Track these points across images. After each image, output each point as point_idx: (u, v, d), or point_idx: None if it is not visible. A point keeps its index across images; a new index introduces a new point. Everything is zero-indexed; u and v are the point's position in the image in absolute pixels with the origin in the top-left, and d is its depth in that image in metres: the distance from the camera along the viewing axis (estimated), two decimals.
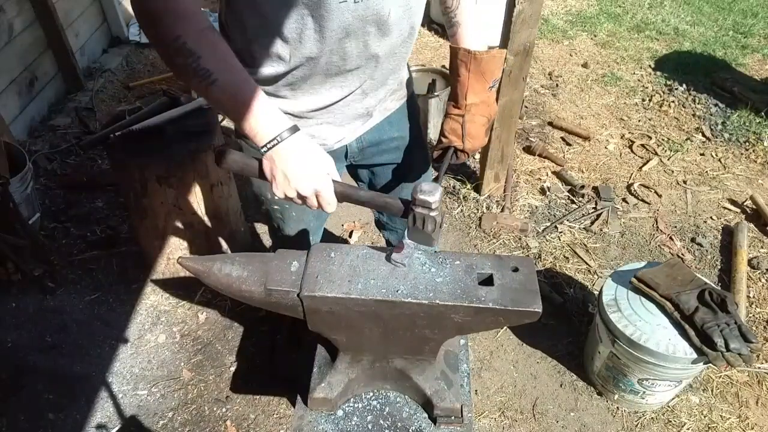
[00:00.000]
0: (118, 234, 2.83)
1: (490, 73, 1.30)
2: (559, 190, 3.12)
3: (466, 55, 1.29)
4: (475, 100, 1.32)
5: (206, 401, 2.17)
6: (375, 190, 1.62)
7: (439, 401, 1.31)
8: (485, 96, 1.33)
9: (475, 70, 1.29)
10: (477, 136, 1.35)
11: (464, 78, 1.30)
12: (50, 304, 2.50)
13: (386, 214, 1.74)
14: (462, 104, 1.33)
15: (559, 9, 5.18)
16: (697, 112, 3.74)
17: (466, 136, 1.33)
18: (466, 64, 1.29)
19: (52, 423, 2.09)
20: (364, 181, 1.65)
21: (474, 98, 1.31)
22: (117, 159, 2.24)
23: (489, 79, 1.31)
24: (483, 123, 1.36)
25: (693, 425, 2.09)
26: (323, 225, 1.75)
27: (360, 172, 1.62)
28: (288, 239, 1.62)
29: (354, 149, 1.47)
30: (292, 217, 1.56)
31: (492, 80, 1.32)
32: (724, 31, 4.74)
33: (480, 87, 1.31)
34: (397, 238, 1.80)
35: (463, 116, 1.33)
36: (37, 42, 3.54)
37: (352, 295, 1.10)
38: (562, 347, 2.35)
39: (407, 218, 1.08)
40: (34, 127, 3.53)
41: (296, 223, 1.59)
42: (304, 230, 1.61)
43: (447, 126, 1.37)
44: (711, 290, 1.85)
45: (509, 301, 1.09)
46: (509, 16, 2.33)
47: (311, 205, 1.09)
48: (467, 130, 1.33)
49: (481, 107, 1.34)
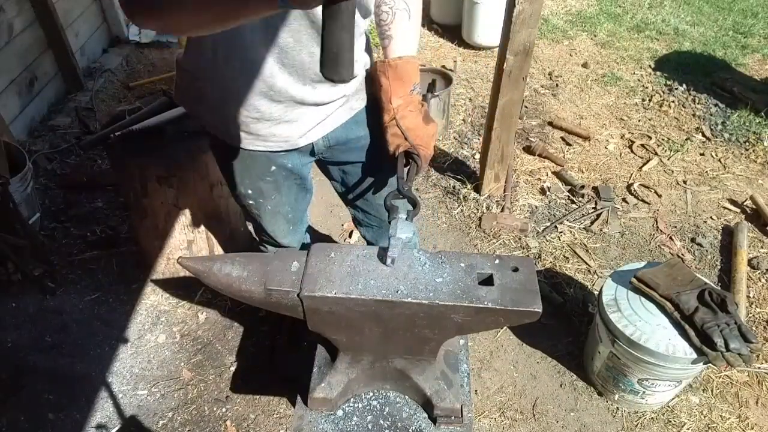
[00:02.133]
0: (118, 234, 2.83)
1: (408, 77, 1.36)
2: (559, 190, 3.12)
3: (382, 65, 1.37)
4: (399, 102, 1.37)
5: (206, 401, 2.17)
6: (347, 187, 1.69)
7: (439, 401, 1.31)
8: (408, 98, 1.39)
9: (394, 76, 1.35)
10: (416, 127, 1.38)
11: (386, 85, 1.37)
12: (50, 304, 2.50)
13: (362, 212, 1.76)
14: (389, 109, 1.38)
15: (559, 9, 5.18)
16: (697, 112, 3.74)
17: (406, 132, 1.36)
18: (384, 72, 1.36)
19: (52, 423, 2.09)
20: (337, 180, 1.69)
21: (398, 101, 1.37)
22: (117, 159, 2.24)
23: (408, 83, 1.37)
24: (415, 116, 1.38)
25: (693, 425, 2.09)
26: (304, 217, 1.79)
27: (331, 169, 1.66)
28: (268, 233, 1.71)
29: (321, 146, 1.52)
30: (267, 211, 1.63)
31: (412, 84, 1.38)
32: (724, 31, 4.74)
33: (402, 91, 1.37)
34: (373, 235, 1.86)
35: (395, 118, 1.37)
36: (37, 42, 3.54)
37: (352, 295, 1.10)
38: (562, 347, 2.35)
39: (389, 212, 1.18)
40: (34, 127, 3.53)
41: (272, 216, 1.65)
42: (283, 222, 1.69)
43: (388, 136, 1.40)
44: (711, 290, 1.85)
45: (509, 301, 1.09)
46: (509, 16, 2.33)
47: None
48: (404, 126, 1.36)
49: (407, 105, 1.38)
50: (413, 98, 1.39)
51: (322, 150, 1.53)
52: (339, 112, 1.46)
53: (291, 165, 1.52)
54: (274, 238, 1.74)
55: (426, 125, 1.40)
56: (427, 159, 1.40)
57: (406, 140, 1.36)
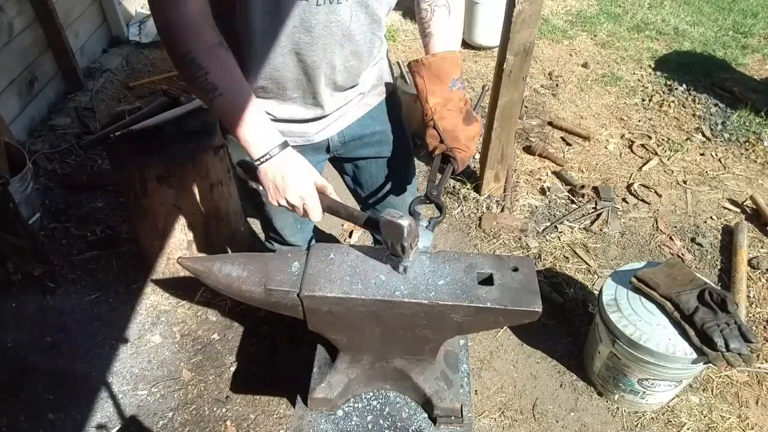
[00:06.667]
0: (118, 234, 2.83)
1: (445, 74, 1.31)
2: (559, 190, 3.12)
3: (416, 65, 1.32)
4: (437, 100, 1.32)
5: (206, 401, 2.17)
6: (359, 183, 1.69)
7: (439, 401, 1.31)
8: (447, 95, 1.32)
9: (428, 75, 1.31)
10: (454, 128, 1.32)
11: (421, 85, 1.32)
12: (50, 304, 2.50)
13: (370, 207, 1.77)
14: (427, 109, 1.33)
15: (559, 9, 5.18)
16: (697, 112, 3.74)
17: (443, 133, 1.31)
18: (419, 72, 1.32)
19: (52, 423, 2.09)
20: (348, 174, 1.69)
21: (435, 99, 1.32)
22: (117, 159, 2.24)
23: (446, 79, 1.31)
24: (454, 116, 1.33)
25: (693, 425, 2.09)
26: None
27: (344, 165, 1.66)
28: (276, 230, 1.71)
29: (336, 142, 1.52)
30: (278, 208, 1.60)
31: (450, 80, 1.32)
32: (724, 31, 4.74)
33: (438, 89, 1.32)
34: None
35: (433, 119, 1.32)
36: (37, 42, 3.54)
37: (352, 295, 1.10)
38: (562, 347, 2.35)
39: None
40: (34, 127, 3.53)
41: (282, 213, 1.64)
42: (291, 220, 1.70)
43: (426, 137, 1.36)
44: (711, 290, 1.85)
45: (509, 300, 1.09)
46: (509, 16, 2.33)
47: (299, 213, 1.20)
48: (441, 128, 1.31)
49: (446, 104, 1.33)
50: (453, 95, 1.32)
51: (337, 146, 1.54)
52: (354, 109, 1.48)
53: None
54: (281, 236, 1.74)
55: (467, 126, 1.33)
56: (465, 161, 1.35)
57: (442, 142, 1.32)
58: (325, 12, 1.16)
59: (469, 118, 1.34)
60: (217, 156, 2.29)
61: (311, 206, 1.18)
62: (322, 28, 1.18)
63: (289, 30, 1.17)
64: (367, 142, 1.56)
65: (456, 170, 1.35)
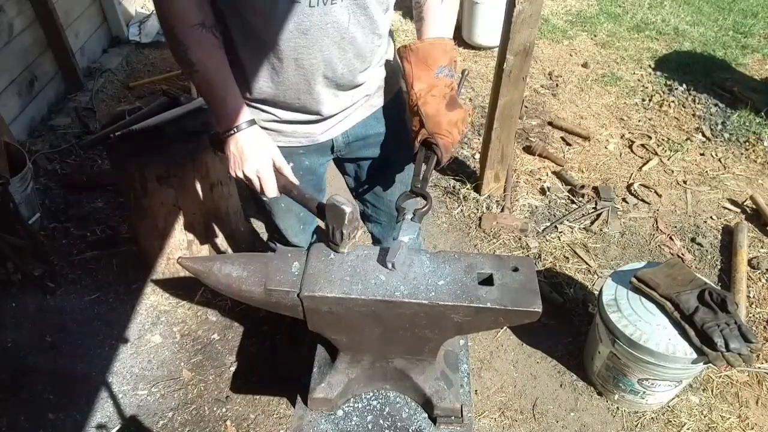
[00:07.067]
0: (118, 234, 2.83)
1: (432, 60, 1.29)
2: (559, 190, 3.12)
3: (404, 50, 1.32)
4: (422, 86, 1.30)
5: (206, 401, 2.17)
6: (360, 182, 1.69)
7: (439, 401, 1.31)
8: (433, 81, 1.31)
9: (416, 60, 1.30)
10: (436, 113, 1.29)
11: (408, 70, 1.32)
12: (50, 304, 2.50)
13: (371, 206, 1.77)
14: (412, 95, 1.32)
15: (559, 9, 5.18)
16: (697, 112, 3.74)
17: (425, 118, 1.29)
18: (407, 57, 1.31)
19: (52, 423, 2.09)
20: (350, 175, 1.70)
21: (420, 85, 1.30)
22: (117, 159, 2.24)
23: (433, 66, 1.29)
24: (437, 101, 1.30)
25: (693, 425, 2.09)
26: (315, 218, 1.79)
27: (346, 166, 1.67)
28: (280, 230, 1.73)
29: (340, 143, 1.52)
30: (281, 208, 1.65)
31: (437, 67, 1.30)
32: (724, 31, 4.74)
33: (425, 75, 1.30)
34: (380, 231, 1.85)
35: (417, 104, 1.30)
36: (37, 42, 3.54)
37: (352, 295, 1.10)
38: (562, 347, 2.35)
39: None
40: (34, 127, 3.53)
41: (285, 213, 1.67)
42: (295, 221, 1.72)
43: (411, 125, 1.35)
44: (711, 290, 1.85)
45: (509, 301, 1.09)
46: (509, 16, 2.33)
47: (255, 187, 1.28)
48: (424, 113, 1.29)
49: (430, 89, 1.31)
50: (439, 81, 1.30)
51: (341, 147, 1.54)
52: (360, 110, 1.49)
53: (308, 163, 1.53)
54: (284, 236, 1.75)
55: (449, 111, 1.30)
56: (448, 147, 1.31)
57: (423, 128, 1.30)
58: (319, 14, 1.16)
59: (453, 103, 1.31)
60: (217, 156, 2.29)
61: (266, 181, 1.26)
62: (318, 30, 1.19)
63: (285, 35, 1.18)
64: (371, 142, 1.56)
65: (441, 159, 1.31)
